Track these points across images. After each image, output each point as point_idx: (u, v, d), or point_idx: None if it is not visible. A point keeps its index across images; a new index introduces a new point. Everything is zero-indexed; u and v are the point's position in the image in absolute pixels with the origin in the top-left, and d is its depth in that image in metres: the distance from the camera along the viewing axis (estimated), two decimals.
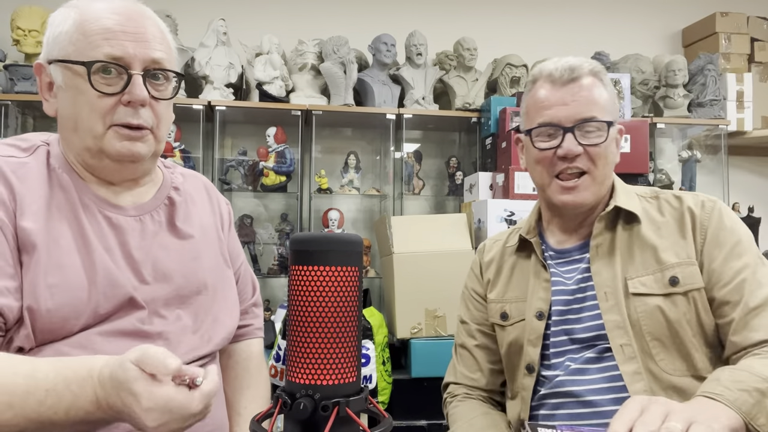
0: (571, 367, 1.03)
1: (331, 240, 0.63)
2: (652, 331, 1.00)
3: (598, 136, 1.01)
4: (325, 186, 2.84)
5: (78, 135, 0.88)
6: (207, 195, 1.10)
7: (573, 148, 1.00)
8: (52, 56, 0.87)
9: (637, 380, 0.98)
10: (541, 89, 1.05)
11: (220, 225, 1.09)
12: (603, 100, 1.03)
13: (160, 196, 0.98)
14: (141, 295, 0.88)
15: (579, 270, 1.08)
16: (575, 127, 1.00)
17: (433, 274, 2.17)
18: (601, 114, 1.02)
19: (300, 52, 2.83)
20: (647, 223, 1.06)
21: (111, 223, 0.89)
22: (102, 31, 0.85)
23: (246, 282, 1.16)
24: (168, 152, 2.69)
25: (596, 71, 1.05)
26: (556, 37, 3.28)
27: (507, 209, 2.32)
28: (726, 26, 3.18)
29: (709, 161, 3.13)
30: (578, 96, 1.02)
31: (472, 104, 2.89)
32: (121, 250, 0.89)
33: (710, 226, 1.03)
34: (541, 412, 1.07)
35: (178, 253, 0.95)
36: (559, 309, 1.08)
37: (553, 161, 1.03)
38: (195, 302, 0.95)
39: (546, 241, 1.15)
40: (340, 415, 0.59)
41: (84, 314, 0.82)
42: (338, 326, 0.61)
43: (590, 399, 1.00)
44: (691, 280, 1.00)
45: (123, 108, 0.86)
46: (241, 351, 1.12)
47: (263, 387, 1.12)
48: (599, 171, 1.03)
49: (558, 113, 1.02)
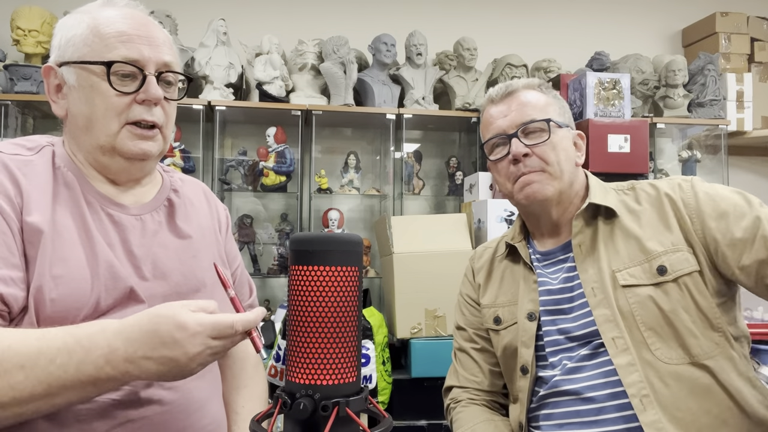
0: (568, 366, 1.04)
1: (331, 240, 0.63)
2: (646, 321, 1.00)
3: (540, 135, 1.09)
4: (325, 186, 2.84)
5: (91, 133, 0.91)
6: (205, 199, 1.13)
7: (520, 149, 1.08)
8: (64, 58, 0.90)
9: (631, 371, 0.98)
10: (487, 111, 1.16)
11: (218, 228, 1.12)
12: (542, 105, 1.11)
13: (161, 197, 1.01)
14: (140, 290, 0.90)
15: (564, 269, 1.11)
16: (518, 131, 1.09)
17: (433, 274, 2.17)
18: (539, 116, 1.10)
19: (300, 52, 2.83)
20: (626, 215, 1.09)
21: (113, 220, 0.92)
22: (117, 34, 0.90)
23: (243, 284, 1.18)
24: (168, 152, 2.69)
25: (533, 84, 1.15)
26: (557, 37, 3.28)
27: (507, 209, 2.32)
28: (726, 26, 3.18)
29: (709, 161, 3.13)
30: (515, 105, 1.12)
31: (472, 104, 2.89)
32: (122, 247, 0.92)
33: (698, 204, 1.04)
34: (541, 412, 1.08)
35: (177, 252, 0.98)
36: (548, 309, 1.09)
37: (509, 168, 1.11)
38: (195, 297, 0.96)
39: (533, 245, 1.18)
40: (340, 415, 0.59)
41: (86, 305, 0.84)
42: (338, 326, 0.61)
43: (588, 396, 1.01)
44: (680, 266, 1.01)
45: (137, 106, 0.91)
46: (238, 351, 1.12)
47: (260, 386, 1.13)
48: (553, 167, 1.09)
49: (501, 124, 1.12)
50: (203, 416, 0.93)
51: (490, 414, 1.16)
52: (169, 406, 0.88)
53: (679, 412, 0.96)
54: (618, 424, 0.98)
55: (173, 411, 0.89)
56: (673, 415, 0.96)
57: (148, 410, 0.86)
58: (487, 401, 1.20)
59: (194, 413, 0.91)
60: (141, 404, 0.86)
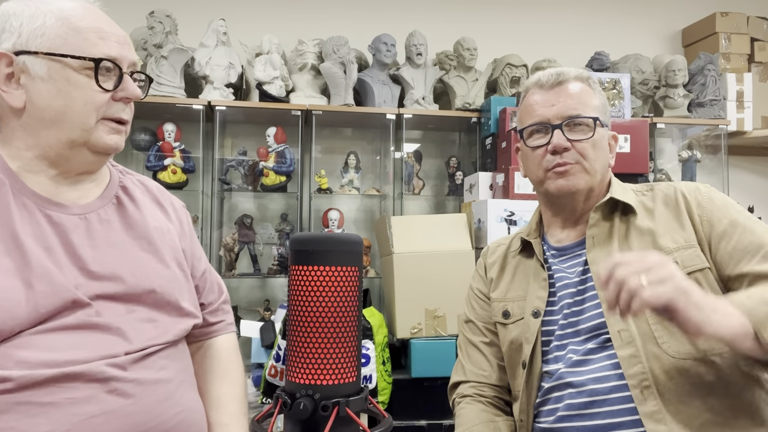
0: (573, 359, 1.05)
1: (331, 240, 0.63)
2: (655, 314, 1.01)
3: (585, 131, 1.09)
4: (325, 186, 2.84)
5: (61, 127, 0.89)
6: (158, 196, 1.10)
7: (561, 143, 1.08)
8: (28, 47, 0.87)
9: (634, 363, 0.99)
10: (532, 95, 1.14)
11: (177, 230, 1.09)
12: (589, 101, 1.11)
13: (108, 193, 0.99)
14: (87, 291, 0.88)
15: (580, 263, 1.11)
16: (562, 123, 1.08)
17: (433, 274, 2.17)
18: (586, 113, 1.09)
19: (300, 52, 2.83)
20: (642, 212, 1.10)
21: (52, 221, 0.89)
22: (96, 30, 0.90)
23: (213, 284, 1.16)
24: (168, 152, 2.69)
25: (583, 77, 1.13)
26: (556, 37, 3.28)
27: (507, 209, 2.32)
28: (726, 26, 3.18)
29: (709, 161, 3.13)
30: (564, 97, 1.10)
31: (472, 104, 2.89)
32: (64, 249, 0.89)
33: (712, 208, 1.06)
34: (545, 407, 1.08)
35: (128, 251, 0.96)
36: (566, 302, 1.10)
37: (546, 157, 1.10)
38: (149, 298, 0.95)
39: (547, 241, 1.19)
40: (340, 414, 0.59)
41: (20, 315, 0.81)
42: (338, 326, 0.61)
43: (591, 388, 1.01)
44: (692, 262, 1.02)
45: (115, 103, 0.92)
46: (218, 346, 1.13)
47: (240, 375, 1.14)
48: (589, 163, 1.09)
49: (546, 113, 1.10)
50: (173, 405, 0.92)
51: (492, 414, 1.16)
52: (133, 398, 0.87)
53: (682, 405, 0.96)
54: (620, 416, 0.99)
55: (137, 404, 0.87)
56: (676, 408, 0.96)
57: (109, 405, 0.84)
58: (492, 398, 1.20)
59: (162, 403, 0.90)
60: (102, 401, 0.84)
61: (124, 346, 0.89)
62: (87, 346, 0.85)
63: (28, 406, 0.80)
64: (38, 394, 0.81)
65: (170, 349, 0.96)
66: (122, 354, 0.88)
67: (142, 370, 0.89)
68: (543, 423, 1.07)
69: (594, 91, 1.13)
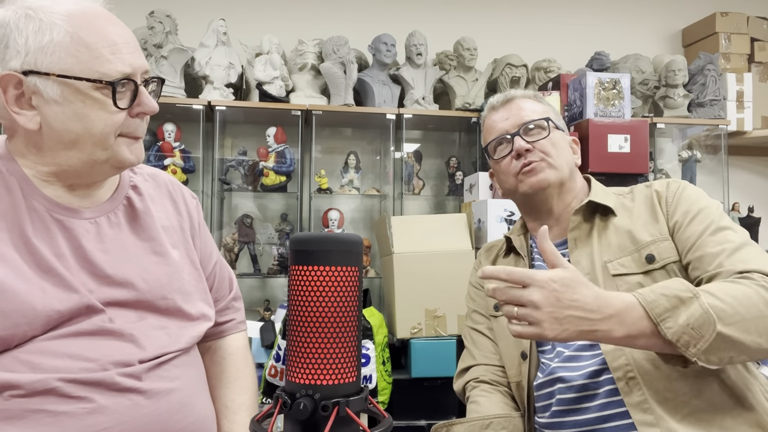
0: (564, 354, 1.09)
1: (331, 240, 0.63)
2: None
3: (541, 132, 1.18)
4: (325, 186, 2.84)
5: (81, 149, 0.86)
6: (170, 193, 1.07)
7: (522, 145, 1.16)
8: (38, 68, 0.81)
9: (618, 356, 1.02)
10: (489, 118, 1.26)
11: (188, 226, 1.06)
12: (539, 109, 1.22)
13: (118, 196, 0.97)
14: (99, 297, 0.87)
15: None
16: (519, 130, 1.18)
17: (433, 274, 2.17)
18: (538, 116, 1.19)
19: (300, 52, 2.83)
20: (622, 212, 1.14)
21: (63, 226, 0.87)
22: (107, 45, 0.84)
23: (223, 279, 1.15)
24: (168, 152, 2.69)
25: (529, 94, 1.25)
26: (556, 37, 3.28)
27: (507, 209, 2.32)
28: (726, 26, 3.18)
29: (709, 161, 3.13)
30: (515, 109, 1.22)
31: (472, 104, 2.89)
32: (74, 255, 0.87)
33: (679, 199, 1.09)
34: (539, 403, 1.12)
35: (139, 255, 0.94)
36: None
37: (512, 163, 1.18)
38: (160, 305, 0.94)
39: (534, 241, 1.24)
40: (340, 415, 0.59)
41: (34, 320, 0.81)
42: (338, 326, 0.61)
43: (581, 383, 1.04)
44: (667, 254, 1.06)
45: (131, 120, 0.89)
46: (227, 347, 1.11)
47: (251, 379, 1.11)
48: (552, 159, 1.16)
49: (504, 126, 1.21)
50: (186, 416, 0.91)
51: (512, 407, 1.17)
52: (147, 409, 0.86)
53: (669, 393, 0.98)
54: (610, 409, 1.01)
55: (151, 414, 0.86)
56: (663, 396, 0.98)
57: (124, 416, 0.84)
58: (508, 386, 1.20)
59: (176, 414, 0.89)
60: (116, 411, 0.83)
61: (138, 353, 0.88)
62: (101, 353, 0.84)
63: (42, 414, 0.79)
64: (51, 402, 0.79)
65: (183, 357, 0.95)
66: (136, 362, 0.87)
67: (157, 381, 0.88)
68: (542, 418, 1.11)
69: (542, 103, 1.24)
